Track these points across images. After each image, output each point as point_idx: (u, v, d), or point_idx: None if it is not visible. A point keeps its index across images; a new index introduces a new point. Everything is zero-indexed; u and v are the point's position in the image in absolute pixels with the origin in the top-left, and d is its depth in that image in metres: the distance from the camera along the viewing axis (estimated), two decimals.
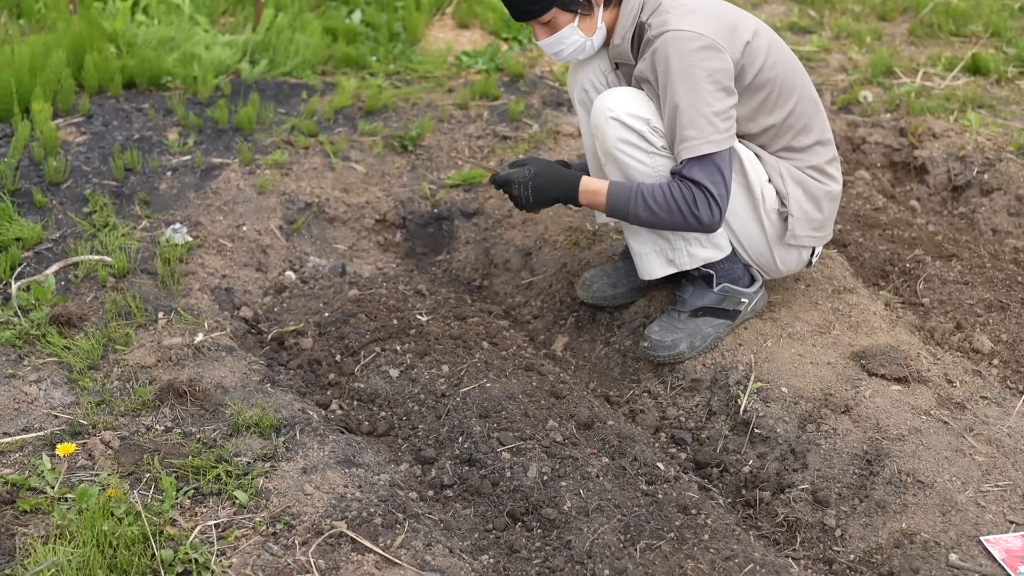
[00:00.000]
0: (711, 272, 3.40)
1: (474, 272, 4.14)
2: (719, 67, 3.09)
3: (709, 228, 3.18)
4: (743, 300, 3.43)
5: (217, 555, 2.55)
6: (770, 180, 3.30)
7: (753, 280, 3.48)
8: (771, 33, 3.31)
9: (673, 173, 3.18)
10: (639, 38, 3.23)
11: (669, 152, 3.20)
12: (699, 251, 3.34)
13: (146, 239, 3.84)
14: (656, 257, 3.37)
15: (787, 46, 3.36)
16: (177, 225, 3.90)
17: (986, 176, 4.39)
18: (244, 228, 4.02)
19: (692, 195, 3.13)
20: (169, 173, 4.26)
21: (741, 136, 3.29)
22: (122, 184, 4.16)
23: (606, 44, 3.36)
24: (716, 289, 3.40)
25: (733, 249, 3.40)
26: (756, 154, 3.30)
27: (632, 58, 3.27)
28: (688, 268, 3.37)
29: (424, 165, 4.60)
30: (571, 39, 3.26)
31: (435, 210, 4.40)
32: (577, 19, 3.22)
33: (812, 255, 3.47)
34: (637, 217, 3.20)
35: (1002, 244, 4.15)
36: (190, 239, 3.86)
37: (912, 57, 5.66)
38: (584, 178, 3.28)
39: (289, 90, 5.06)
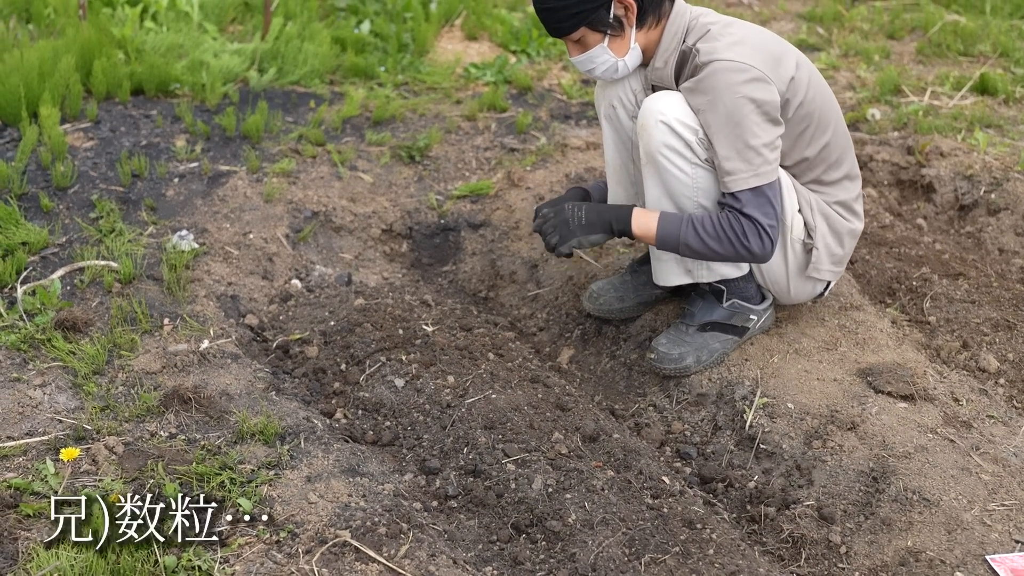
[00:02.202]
0: (722, 288, 3.39)
1: (480, 283, 4.13)
2: (767, 99, 3.09)
3: (761, 259, 3.18)
4: (752, 317, 3.43)
5: (220, 562, 2.54)
6: (800, 210, 3.30)
7: (764, 298, 3.47)
8: (810, 65, 3.31)
9: (721, 204, 3.18)
10: (683, 62, 3.22)
11: (711, 166, 3.19)
12: (719, 266, 3.33)
13: (152, 245, 3.84)
14: (675, 265, 3.36)
15: (823, 78, 3.36)
16: (184, 232, 3.90)
17: (993, 196, 4.39)
18: (251, 236, 4.02)
19: (742, 227, 3.11)
20: (176, 180, 4.27)
21: None
22: (129, 190, 4.16)
23: (644, 65, 3.36)
24: (725, 305, 3.40)
25: (750, 269, 3.40)
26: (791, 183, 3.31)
27: (674, 83, 3.26)
28: (705, 281, 3.36)
29: (431, 176, 4.60)
30: (601, 59, 3.25)
31: (442, 221, 4.40)
32: (607, 39, 3.21)
33: (825, 289, 3.47)
34: (687, 246, 3.18)
35: (1009, 264, 4.15)
36: (196, 246, 3.86)
37: (920, 76, 5.66)
38: (636, 208, 3.28)
39: (297, 99, 5.06)
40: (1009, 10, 6.59)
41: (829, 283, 3.46)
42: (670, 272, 3.38)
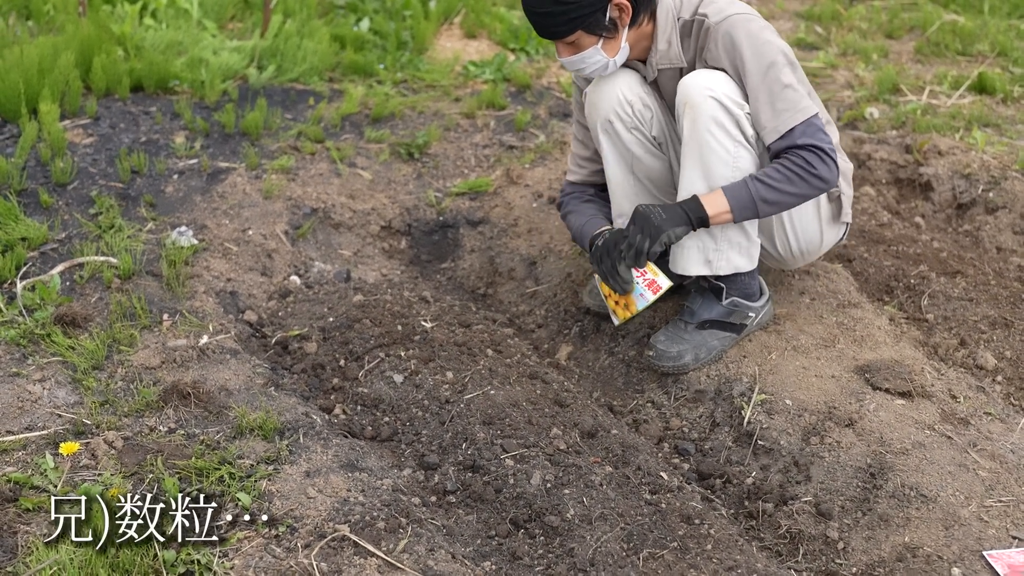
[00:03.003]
0: (721, 285, 3.39)
1: (479, 280, 4.14)
2: (783, 45, 3.18)
3: (832, 183, 3.17)
4: (750, 314, 3.43)
5: (219, 557, 2.54)
6: None
7: (762, 294, 3.48)
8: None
9: (774, 155, 3.19)
10: (687, 33, 3.25)
11: (752, 147, 3.20)
12: (736, 259, 3.33)
13: (152, 241, 3.84)
14: (697, 253, 3.33)
15: None
16: (183, 228, 3.91)
17: (991, 194, 4.40)
18: (250, 232, 4.02)
19: (804, 159, 3.12)
20: (175, 176, 4.27)
21: None
22: (128, 186, 4.16)
23: (640, 61, 3.37)
24: (725, 302, 3.40)
25: (774, 243, 3.43)
26: None
27: (682, 56, 3.28)
28: (723, 273, 3.34)
29: (430, 173, 4.60)
30: (593, 59, 3.26)
31: (440, 218, 4.40)
32: (601, 41, 3.22)
33: (844, 234, 3.54)
34: (764, 200, 3.16)
35: (1007, 262, 4.15)
36: (196, 242, 3.87)
37: (918, 75, 5.67)
38: (696, 195, 3.21)
39: (296, 96, 5.06)
40: (1007, 10, 6.60)
41: (847, 226, 3.53)
42: (690, 260, 3.35)
